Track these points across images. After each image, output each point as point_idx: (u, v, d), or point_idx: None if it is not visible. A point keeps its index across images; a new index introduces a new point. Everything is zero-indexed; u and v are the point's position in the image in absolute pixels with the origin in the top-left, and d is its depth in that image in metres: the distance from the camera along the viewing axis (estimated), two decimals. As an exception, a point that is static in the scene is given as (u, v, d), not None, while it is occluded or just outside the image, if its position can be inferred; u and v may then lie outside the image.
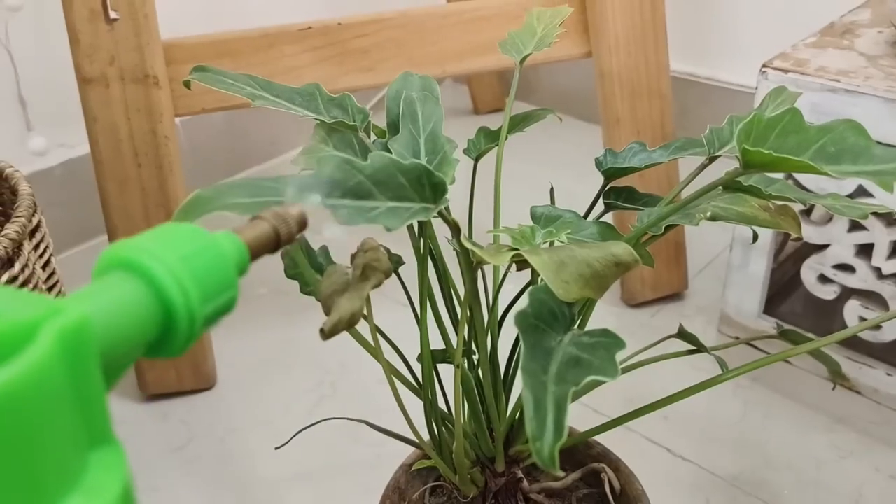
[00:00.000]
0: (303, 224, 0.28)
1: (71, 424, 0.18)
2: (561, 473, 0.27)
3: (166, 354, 0.23)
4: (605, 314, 0.90)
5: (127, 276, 0.21)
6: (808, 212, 0.76)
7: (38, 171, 1.02)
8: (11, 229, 0.52)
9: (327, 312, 0.35)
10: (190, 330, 0.22)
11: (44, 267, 0.57)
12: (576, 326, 0.38)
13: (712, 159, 0.42)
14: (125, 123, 0.73)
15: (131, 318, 0.21)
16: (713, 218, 0.38)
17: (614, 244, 0.34)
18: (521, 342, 0.31)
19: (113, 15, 0.70)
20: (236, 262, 0.25)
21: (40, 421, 0.17)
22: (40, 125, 1.02)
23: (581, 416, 0.76)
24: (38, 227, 0.56)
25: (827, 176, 0.33)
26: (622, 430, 0.75)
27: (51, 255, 0.58)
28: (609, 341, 0.33)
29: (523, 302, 0.37)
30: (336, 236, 0.30)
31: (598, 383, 0.45)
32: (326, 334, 0.34)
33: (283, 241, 0.27)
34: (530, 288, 0.34)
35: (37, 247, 0.55)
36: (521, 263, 0.36)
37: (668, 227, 0.39)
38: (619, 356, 0.34)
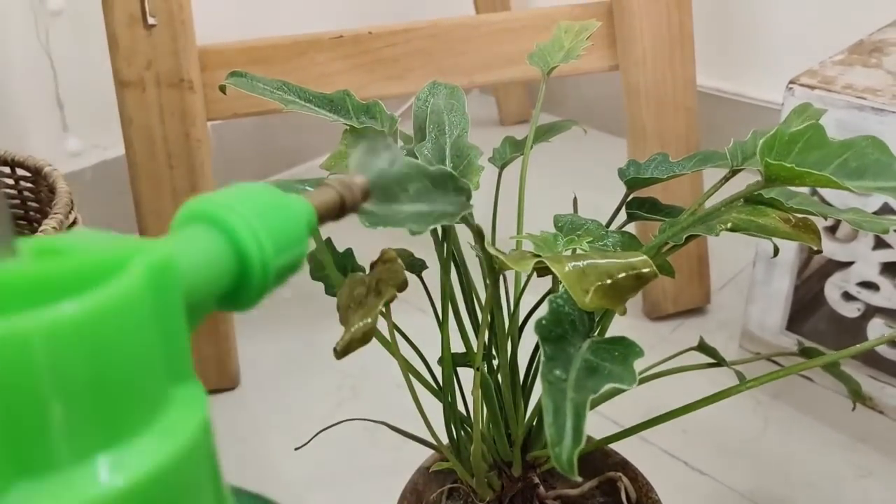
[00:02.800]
0: (366, 193, 0.29)
1: (153, 359, 0.18)
2: (579, 479, 0.28)
3: (240, 305, 0.23)
4: (626, 326, 0.91)
5: (206, 227, 0.22)
6: (832, 228, 0.76)
7: (73, 171, 1.05)
8: (49, 225, 0.53)
9: (344, 325, 0.36)
10: (263, 281, 0.23)
11: (78, 263, 0.58)
12: (595, 334, 0.39)
13: (735, 172, 0.43)
14: (159, 126, 0.75)
15: (210, 265, 0.21)
16: (733, 229, 0.38)
17: (634, 255, 0.34)
18: (541, 349, 0.32)
19: (151, 20, 0.72)
20: (307, 221, 0.25)
21: (125, 348, 0.17)
22: (76, 127, 1.04)
23: (600, 426, 0.76)
24: (73, 224, 0.58)
25: (848, 191, 0.33)
26: (640, 442, 0.75)
27: (85, 251, 0.60)
28: (627, 349, 0.34)
29: (543, 309, 0.38)
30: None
31: (617, 391, 0.45)
32: (339, 354, 0.34)
33: (347, 207, 0.28)
34: (550, 296, 0.34)
35: (72, 243, 0.57)
36: (543, 270, 0.37)
37: (689, 238, 0.40)
38: (638, 364, 0.34)
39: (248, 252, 0.22)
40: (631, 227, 0.51)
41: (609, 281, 0.34)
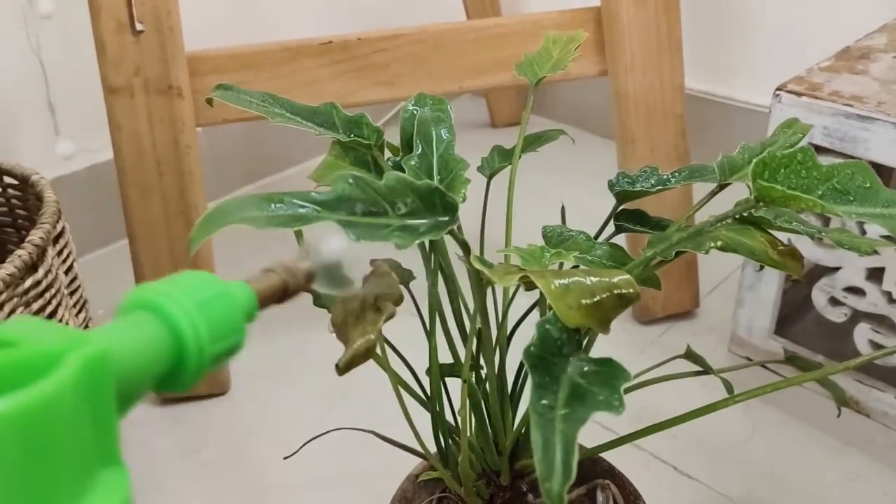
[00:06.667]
0: (310, 279, 0.31)
1: (83, 447, 0.20)
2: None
3: (175, 388, 0.25)
4: (616, 330, 0.90)
5: (147, 315, 0.24)
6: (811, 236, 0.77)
7: (65, 174, 1.04)
8: (36, 235, 0.53)
9: (342, 340, 0.36)
10: (198, 366, 0.25)
11: (66, 272, 0.58)
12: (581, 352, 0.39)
13: (722, 186, 0.43)
14: (148, 133, 0.74)
15: (147, 352, 0.23)
16: (722, 248, 0.39)
17: (617, 273, 0.34)
18: (530, 379, 0.32)
19: (139, 27, 0.72)
20: (245, 310, 0.27)
21: (56, 438, 0.19)
22: (68, 130, 1.04)
23: (590, 431, 0.77)
24: (61, 233, 0.58)
25: (837, 216, 0.34)
26: (630, 447, 0.76)
27: (73, 260, 0.60)
28: (613, 372, 0.34)
29: (529, 326, 0.38)
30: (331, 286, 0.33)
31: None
32: (342, 370, 0.35)
33: (290, 292, 0.30)
34: (538, 321, 0.35)
35: (60, 252, 0.57)
36: (530, 284, 0.37)
37: (678, 253, 0.40)
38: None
39: (185, 340, 0.24)
40: (620, 237, 0.51)
41: (591, 299, 0.34)
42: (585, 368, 0.34)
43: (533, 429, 0.28)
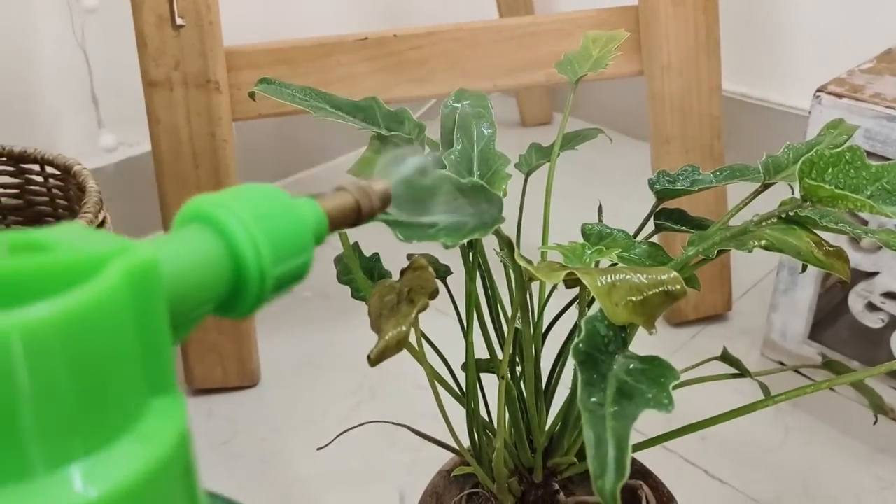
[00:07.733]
0: (386, 201, 0.27)
1: (132, 366, 0.18)
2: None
3: (236, 313, 0.22)
4: (646, 333, 0.90)
5: (202, 228, 0.21)
6: (857, 238, 0.75)
7: (107, 165, 1.06)
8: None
9: (376, 331, 0.36)
10: (260, 289, 0.22)
11: (106, 262, 0.59)
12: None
13: (766, 186, 0.42)
14: (186, 126, 0.75)
15: (202, 269, 0.20)
16: (766, 248, 0.38)
17: (664, 271, 0.34)
18: (579, 376, 0.32)
19: (179, 21, 0.73)
20: (314, 229, 0.24)
21: (102, 352, 0.17)
22: (111, 123, 1.06)
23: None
24: (103, 223, 0.59)
25: (886, 216, 0.33)
26: (660, 449, 0.75)
27: (113, 250, 0.61)
28: (660, 370, 0.33)
29: (568, 322, 0.37)
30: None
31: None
32: (373, 361, 0.35)
33: (364, 215, 0.26)
34: (585, 318, 0.35)
35: (101, 242, 0.58)
36: (573, 282, 0.37)
37: (720, 252, 0.40)
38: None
39: (244, 258, 0.21)
40: (655, 236, 0.50)
41: (638, 297, 0.34)
42: (631, 366, 0.34)
43: (585, 426, 0.28)
